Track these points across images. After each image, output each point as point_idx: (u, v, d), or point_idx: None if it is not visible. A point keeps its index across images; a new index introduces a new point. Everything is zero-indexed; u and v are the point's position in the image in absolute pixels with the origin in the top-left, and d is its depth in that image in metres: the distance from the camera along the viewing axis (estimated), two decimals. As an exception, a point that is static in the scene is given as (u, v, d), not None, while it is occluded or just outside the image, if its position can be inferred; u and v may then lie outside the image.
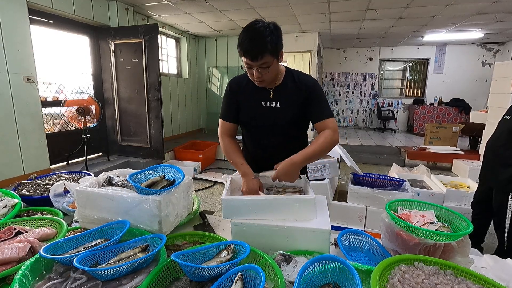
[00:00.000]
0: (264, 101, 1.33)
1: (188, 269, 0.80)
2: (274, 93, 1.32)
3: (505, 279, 0.96)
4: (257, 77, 1.22)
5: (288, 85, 1.32)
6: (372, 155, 6.00)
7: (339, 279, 0.79)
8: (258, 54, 1.14)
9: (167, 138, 6.14)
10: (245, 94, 1.36)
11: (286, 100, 1.31)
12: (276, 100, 1.32)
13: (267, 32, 1.14)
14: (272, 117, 1.32)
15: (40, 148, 3.58)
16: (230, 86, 1.39)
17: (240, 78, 1.39)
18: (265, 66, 1.18)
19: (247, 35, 1.15)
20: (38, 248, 0.98)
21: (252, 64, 1.17)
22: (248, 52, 1.14)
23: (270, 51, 1.15)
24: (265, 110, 1.33)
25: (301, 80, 1.33)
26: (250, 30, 1.15)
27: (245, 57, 1.17)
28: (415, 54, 8.57)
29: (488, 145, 2.28)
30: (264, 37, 1.13)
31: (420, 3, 4.61)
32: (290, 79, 1.33)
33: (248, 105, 1.35)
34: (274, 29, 1.17)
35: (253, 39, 1.14)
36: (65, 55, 4.24)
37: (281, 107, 1.31)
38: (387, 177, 2.56)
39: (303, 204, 1.02)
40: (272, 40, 1.15)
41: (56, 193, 1.44)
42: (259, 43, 1.13)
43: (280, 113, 1.31)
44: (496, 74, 4.71)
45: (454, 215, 1.08)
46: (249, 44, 1.14)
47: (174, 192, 1.13)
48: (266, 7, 4.93)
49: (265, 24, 1.16)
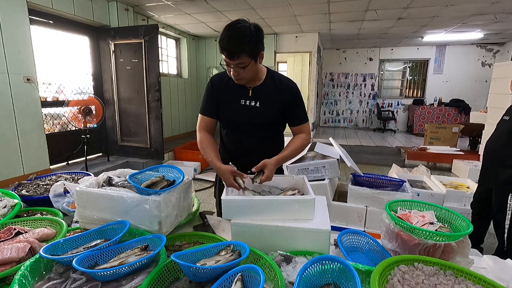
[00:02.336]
0: (244, 99, 1.35)
1: (188, 269, 0.80)
2: (253, 92, 1.34)
3: (505, 279, 0.96)
4: (234, 75, 1.24)
5: (268, 86, 1.34)
6: (372, 156, 6.00)
7: (339, 279, 0.79)
8: (235, 53, 1.16)
9: (167, 139, 6.14)
10: (226, 91, 1.37)
11: (266, 101, 1.34)
12: (255, 100, 1.34)
13: (247, 32, 1.15)
14: (251, 116, 1.35)
15: (40, 148, 3.58)
16: (212, 82, 1.41)
17: (223, 75, 1.41)
18: (242, 66, 1.20)
19: (227, 33, 1.16)
20: (38, 248, 0.98)
21: (230, 62, 1.19)
22: (226, 50, 1.17)
23: (248, 52, 1.17)
24: (244, 108, 1.35)
25: (283, 83, 1.35)
26: (231, 28, 1.16)
27: (222, 54, 1.19)
28: (415, 54, 8.57)
29: (487, 145, 2.28)
30: (243, 37, 1.14)
31: (420, 4, 4.61)
32: (271, 80, 1.35)
33: (228, 102, 1.37)
34: (255, 31, 1.18)
35: (232, 38, 1.15)
36: (65, 56, 4.24)
37: (261, 107, 1.34)
38: (387, 177, 2.56)
39: (303, 204, 1.02)
40: (250, 41, 1.16)
41: (56, 193, 1.44)
42: (237, 43, 1.15)
43: (259, 113, 1.34)
44: (496, 74, 4.72)
45: (454, 215, 1.08)
46: (227, 42, 1.15)
47: (174, 192, 1.13)
48: (266, 8, 4.94)
49: (247, 24, 1.17)
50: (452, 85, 8.38)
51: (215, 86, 1.39)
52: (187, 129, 7.33)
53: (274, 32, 6.79)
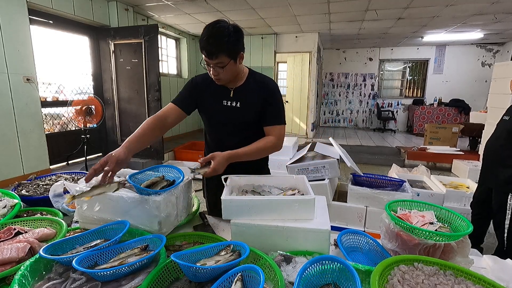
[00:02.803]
0: (225, 100, 1.36)
1: (188, 269, 0.80)
2: (234, 93, 1.35)
3: (505, 279, 0.96)
4: (214, 75, 1.25)
5: (249, 86, 1.35)
6: (372, 156, 6.00)
7: (339, 279, 0.79)
8: (214, 53, 1.17)
9: (167, 139, 6.14)
10: (208, 91, 1.38)
11: (246, 101, 1.34)
12: (236, 100, 1.35)
13: (225, 32, 1.16)
14: (232, 116, 1.35)
15: (40, 148, 3.58)
16: (195, 80, 1.42)
17: (205, 76, 1.41)
18: (221, 66, 1.21)
19: (206, 33, 1.17)
20: (37, 248, 0.98)
21: (209, 61, 1.20)
22: (205, 49, 1.18)
23: (226, 52, 1.18)
24: (225, 108, 1.35)
25: (262, 82, 1.36)
26: (210, 28, 1.17)
27: (202, 52, 1.20)
28: (414, 54, 8.58)
29: (487, 145, 2.28)
30: (221, 37, 1.15)
31: (420, 4, 4.61)
32: (252, 81, 1.36)
33: (210, 102, 1.38)
34: (234, 31, 1.19)
35: (211, 37, 1.16)
36: (65, 56, 4.24)
37: (241, 107, 1.34)
38: (386, 177, 2.56)
39: (302, 204, 1.02)
40: (229, 41, 1.17)
41: (55, 193, 1.44)
42: (215, 42, 1.16)
43: (240, 113, 1.35)
44: (496, 74, 4.72)
45: (454, 215, 1.08)
46: (206, 42, 1.16)
47: (174, 192, 1.13)
48: (266, 8, 4.94)
49: (226, 24, 1.18)
50: (452, 85, 8.38)
51: (198, 85, 1.40)
52: (187, 129, 7.33)
53: (274, 32, 6.79)
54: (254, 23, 5.88)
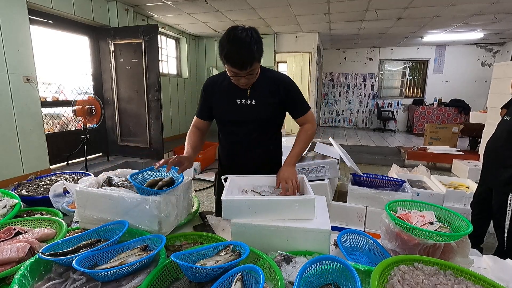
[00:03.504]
0: (240, 99, 1.36)
1: (188, 269, 0.80)
2: (250, 91, 1.35)
3: (504, 279, 0.96)
4: (244, 83, 1.26)
5: (264, 83, 1.35)
6: (372, 156, 6.00)
7: (339, 279, 0.79)
8: (247, 64, 1.17)
9: (167, 139, 6.14)
10: (220, 92, 1.39)
11: (262, 98, 1.35)
12: (251, 98, 1.35)
13: (252, 41, 1.15)
14: (247, 114, 1.36)
15: (40, 148, 3.58)
16: (205, 88, 1.44)
17: (216, 78, 1.42)
18: (253, 73, 1.23)
19: (234, 47, 1.14)
20: (37, 248, 0.98)
21: (240, 72, 1.19)
22: (237, 63, 1.16)
23: (257, 59, 1.20)
24: (240, 107, 1.36)
25: (277, 78, 1.37)
26: (236, 40, 1.14)
27: (232, 67, 1.18)
28: (414, 54, 8.58)
29: (488, 145, 2.29)
30: (250, 47, 1.15)
31: (420, 4, 4.61)
32: (265, 77, 1.36)
33: (223, 103, 1.39)
34: (257, 36, 1.19)
35: (240, 50, 1.14)
36: (65, 55, 4.24)
37: (256, 104, 1.35)
38: (386, 177, 2.56)
39: (302, 204, 1.02)
40: (258, 49, 1.18)
41: (55, 193, 1.44)
42: (247, 54, 1.15)
43: (256, 110, 1.35)
44: (496, 74, 4.72)
45: (454, 215, 1.08)
46: (236, 56, 1.15)
47: (174, 192, 1.13)
48: (266, 8, 4.94)
49: (248, 32, 1.16)
50: (452, 85, 8.38)
51: (207, 91, 1.43)
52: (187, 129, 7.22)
53: (274, 32, 6.79)
54: (254, 23, 5.88)
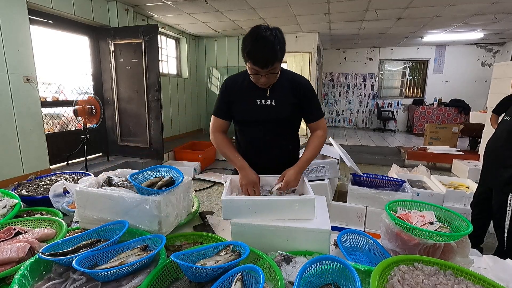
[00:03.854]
0: (260, 99, 1.35)
1: (188, 269, 0.80)
2: (270, 92, 1.35)
3: (504, 279, 0.96)
4: (264, 82, 1.25)
5: (283, 84, 1.36)
6: (372, 156, 6.00)
7: (339, 279, 0.79)
8: (269, 63, 1.17)
9: (167, 139, 6.14)
10: (240, 92, 1.38)
11: (281, 98, 1.35)
12: (271, 98, 1.35)
13: (276, 40, 1.16)
14: (267, 114, 1.35)
15: (40, 148, 3.58)
16: (226, 84, 1.42)
17: (236, 77, 1.42)
18: (273, 72, 1.23)
19: (257, 45, 1.16)
20: (37, 248, 0.98)
21: (261, 71, 1.20)
22: (259, 61, 1.17)
23: (280, 58, 1.20)
24: (260, 107, 1.35)
25: (296, 80, 1.37)
26: (259, 39, 1.16)
27: (254, 65, 1.19)
28: (414, 54, 8.57)
29: (488, 145, 2.29)
30: (274, 46, 1.16)
31: (420, 4, 4.61)
32: (284, 78, 1.37)
33: (243, 102, 1.38)
34: (281, 36, 1.20)
35: (265, 49, 1.16)
36: (65, 55, 4.24)
37: (277, 104, 1.34)
38: (386, 177, 2.56)
39: (302, 204, 1.02)
40: (281, 48, 1.18)
41: (55, 194, 1.44)
42: (270, 53, 1.16)
43: (275, 111, 1.35)
44: (496, 74, 4.72)
45: (454, 215, 1.08)
46: (260, 54, 1.16)
47: (174, 192, 1.13)
48: (266, 8, 4.94)
49: (273, 32, 1.18)
50: (452, 85, 8.38)
51: (229, 88, 1.40)
52: (187, 129, 7.33)
53: (274, 32, 6.78)
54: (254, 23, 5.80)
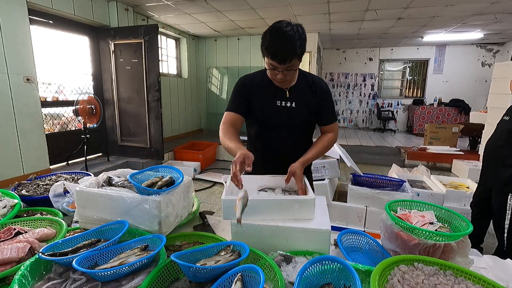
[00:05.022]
0: (280, 100, 1.34)
1: (188, 269, 0.80)
2: (290, 93, 1.33)
3: (504, 279, 0.96)
4: (280, 78, 1.23)
5: (302, 86, 1.35)
6: (372, 156, 6.00)
7: (339, 279, 0.79)
8: (287, 58, 1.15)
9: (167, 139, 6.14)
10: (259, 92, 1.35)
11: (301, 100, 1.34)
12: (291, 100, 1.33)
13: (296, 36, 1.14)
14: (288, 116, 1.34)
15: (40, 148, 3.58)
16: (243, 80, 1.38)
17: (253, 76, 1.39)
18: (291, 69, 1.20)
19: (276, 39, 1.13)
20: (37, 248, 0.98)
21: (279, 66, 1.18)
22: (277, 56, 1.15)
23: (298, 54, 1.17)
24: (280, 109, 1.34)
25: (315, 83, 1.36)
26: (280, 33, 1.14)
27: (272, 60, 1.16)
28: (414, 54, 8.57)
29: (487, 145, 2.29)
30: (294, 42, 1.13)
31: (420, 4, 4.61)
32: (303, 80, 1.36)
33: (263, 103, 1.35)
34: (302, 32, 1.17)
35: (283, 43, 1.13)
36: (65, 55, 4.24)
37: (296, 107, 1.33)
38: (386, 177, 2.57)
39: (302, 204, 1.02)
40: (300, 45, 1.15)
41: (55, 193, 1.44)
42: (289, 48, 1.13)
43: (295, 113, 1.33)
44: (496, 74, 4.72)
45: (454, 215, 1.08)
46: (279, 48, 1.14)
47: (174, 192, 1.13)
48: (266, 8, 4.94)
49: (294, 27, 1.15)
50: (452, 85, 8.38)
51: (246, 85, 1.36)
52: (187, 129, 7.33)
53: (274, 32, 6.78)
54: (254, 23, 5.88)
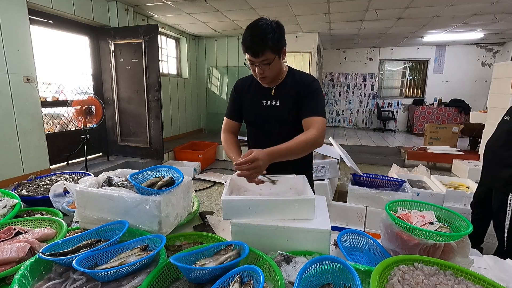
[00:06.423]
0: (265, 99, 1.37)
1: (187, 271, 0.80)
2: (275, 92, 1.36)
3: (504, 279, 0.96)
4: (259, 73, 1.26)
5: (288, 84, 1.36)
6: (372, 156, 6.00)
7: (339, 279, 0.79)
8: (259, 50, 1.18)
9: (167, 139, 6.14)
10: (249, 93, 1.41)
11: (284, 99, 1.35)
12: (276, 99, 1.36)
13: (269, 29, 1.18)
14: (272, 115, 1.36)
15: (40, 148, 3.58)
16: (235, 86, 1.46)
17: (246, 79, 1.45)
18: (266, 63, 1.22)
19: (249, 32, 1.19)
20: (37, 248, 0.98)
21: (254, 60, 1.22)
22: (250, 48, 1.19)
23: (271, 48, 1.19)
24: (265, 108, 1.37)
25: (302, 79, 1.36)
26: (253, 27, 1.19)
27: (247, 53, 1.21)
28: (414, 54, 8.57)
29: (487, 145, 2.28)
30: (265, 34, 1.17)
31: (420, 4, 4.61)
32: (290, 78, 1.37)
33: (251, 104, 1.40)
34: (276, 27, 1.21)
35: (255, 36, 1.18)
36: (65, 55, 4.24)
37: (280, 105, 1.35)
38: (386, 177, 2.56)
39: (303, 204, 1.02)
40: (273, 38, 1.18)
41: (56, 193, 1.44)
42: (260, 40, 1.17)
43: (278, 111, 1.35)
44: (496, 74, 4.72)
45: (454, 215, 1.08)
46: (251, 40, 1.18)
47: (174, 192, 1.13)
48: (266, 8, 4.94)
49: (268, 21, 1.20)
50: (452, 85, 8.38)
51: (238, 90, 1.45)
52: (187, 129, 7.33)
53: (274, 32, 6.78)
54: (254, 23, 5.88)
